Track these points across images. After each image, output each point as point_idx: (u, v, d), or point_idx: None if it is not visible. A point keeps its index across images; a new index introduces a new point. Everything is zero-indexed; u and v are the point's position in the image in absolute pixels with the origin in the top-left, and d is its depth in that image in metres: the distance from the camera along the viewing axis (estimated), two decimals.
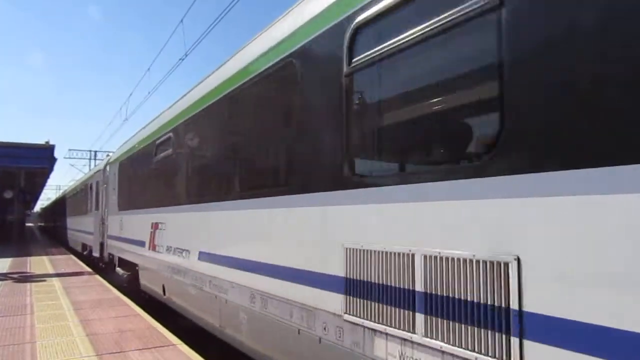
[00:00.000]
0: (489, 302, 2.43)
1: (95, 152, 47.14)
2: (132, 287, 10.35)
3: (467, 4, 2.59)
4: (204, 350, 5.83)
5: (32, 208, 75.94)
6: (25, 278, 12.75)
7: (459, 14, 2.63)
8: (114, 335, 6.35)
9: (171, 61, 17.32)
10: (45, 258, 19.01)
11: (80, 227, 20.55)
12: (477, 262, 2.50)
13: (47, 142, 24.86)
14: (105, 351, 5.60)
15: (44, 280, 12.18)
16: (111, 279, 12.31)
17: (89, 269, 15.02)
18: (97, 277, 13.06)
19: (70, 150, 49.59)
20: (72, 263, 17.23)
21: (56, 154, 25.75)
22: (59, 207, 35.24)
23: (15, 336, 6.35)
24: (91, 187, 17.23)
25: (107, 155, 16.89)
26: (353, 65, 3.44)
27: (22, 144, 24.21)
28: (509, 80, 2.38)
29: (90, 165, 44.42)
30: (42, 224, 70.64)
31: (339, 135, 3.53)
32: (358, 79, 3.46)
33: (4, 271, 14.15)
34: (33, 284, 11.54)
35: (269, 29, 4.91)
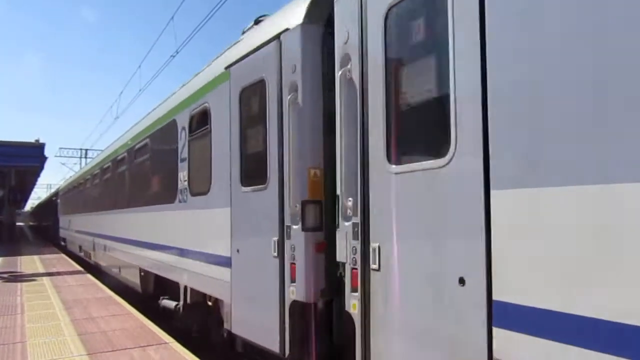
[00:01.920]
0: None
1: (86, 150, 46.69)
2: None
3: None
4: (196, 349, 5.81)
5: (23, 207, 75.32)
6: (15, 277, 12.64)
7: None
8: (106, 334, 6.30)
9: (162, 59, 17.21)
10: (36, 257, 18.85)
11: (146, 237, 8.58)
12: None
13: (37, 141, 24.65)
14: (97, 350, 5.55)
15: (35, 280, 12.07)
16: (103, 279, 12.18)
17: (80, 268, 14.91)
18: (89, 276, 12.96)
19: (61, 148, 49.19)
20: (64, 262, 17.10)
21: (47, 152, 25.46)
22: (67, 198, 23.52)
23: (5, 336, 6.28)
24: (206, 119, 5.99)
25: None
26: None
27: (12, 142, 23.96)
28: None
29: (80, 164, 43.26)
30: (34, 224, 69.26)
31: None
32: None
33: None
34: (24, 283, 11.43)
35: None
